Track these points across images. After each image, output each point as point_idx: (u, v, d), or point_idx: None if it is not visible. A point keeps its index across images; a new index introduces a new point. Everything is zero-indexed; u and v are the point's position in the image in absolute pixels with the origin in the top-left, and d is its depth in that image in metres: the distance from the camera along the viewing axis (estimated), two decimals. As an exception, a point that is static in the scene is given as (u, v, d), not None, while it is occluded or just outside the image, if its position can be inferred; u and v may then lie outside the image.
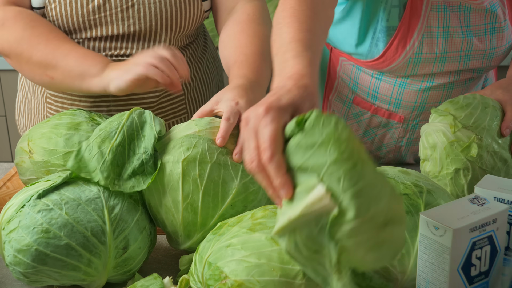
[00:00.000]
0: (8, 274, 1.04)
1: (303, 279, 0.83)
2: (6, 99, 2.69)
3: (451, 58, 1.33)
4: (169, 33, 1.37)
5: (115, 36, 1.35)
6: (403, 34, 1.30)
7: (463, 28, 1.31)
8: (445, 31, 1.31)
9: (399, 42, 1.31)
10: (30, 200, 0.96)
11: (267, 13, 1.40)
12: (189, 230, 0.99)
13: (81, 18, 1.31)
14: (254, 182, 1.00)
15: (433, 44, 1.31)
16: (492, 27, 1.33)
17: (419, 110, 1.41)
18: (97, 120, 1.20)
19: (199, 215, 0.98)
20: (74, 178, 1.00)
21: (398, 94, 1.40)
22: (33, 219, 0.94)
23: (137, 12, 1.33)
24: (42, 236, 0.92)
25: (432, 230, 0.83)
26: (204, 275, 0.87)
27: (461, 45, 1.32)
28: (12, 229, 0.94)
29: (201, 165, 0.98)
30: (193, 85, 1.50)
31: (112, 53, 1.36)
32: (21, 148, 1.18)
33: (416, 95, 1.39)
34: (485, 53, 1.34)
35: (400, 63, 1.33)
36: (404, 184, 0.95)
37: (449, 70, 1.35)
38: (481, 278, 0.86)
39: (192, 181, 0.97)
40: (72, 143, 1.14)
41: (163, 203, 0.99)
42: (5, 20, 1.27)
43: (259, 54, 1.27)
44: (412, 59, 1.32)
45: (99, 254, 0.94)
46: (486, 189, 0.92)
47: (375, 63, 1.35)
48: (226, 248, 0.86)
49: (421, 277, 0.87)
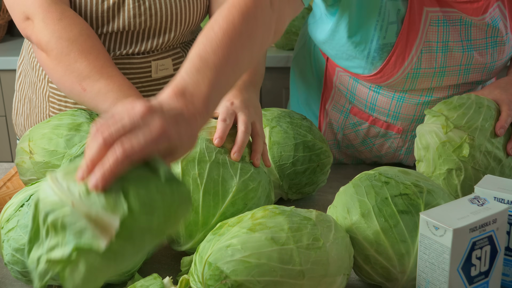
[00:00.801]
0: (8, 274, 1.04)
1: (303, 279, 0.83)
2: (6, 99, 2.69)
3: (450, 72, 1.31)
4: (178, 28, 1.38)
5: (124, 33, 1.35)
6: (401, 50, 1.27)
7: (464, 42, 1.29)
8: (444, 46, 1.28)
9: (397, 58, 1.28)
10: (29, 200, 0.96)
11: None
12: (190, 230, 0.99)
13: (95, 14, 1.30)
14: (253, 179, 1.00)
15: (432, 59, 1.29)
16: (494, 41, 1.31)
17: (418, 122, 1.39)
18: (97, 120, 1.20)
19: (200, 215, 0.98)
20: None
21: (396, 108, 1.38)
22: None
23: (148, 9, 1.33)
24: None
25: (432, 230, 0.83)
26: (204, 275, 0.87)
27: (461, 59, 1.30)
28: (11, 228, 0.95)
29: (200, 164, 0.98)
30: None
31: (121, 52, 1.36)
32: (22, 149, 1.18)
33: (414, 109, 1.37)
34: (485, 67, 1.33)
35: (398, 78, 1.30)
36: (404, 184, 0.95)
37: (448, 84, 1.33)
38: (481, 278, 0.86)
39: (192, 181, 0.97)
40: (73, 144, 1.14)
41: None
42: (64, 17, 1.22)
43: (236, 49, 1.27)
44: (411, 74, 1.30)
45: None
46: (486, 189, 0.92)
47: (373, 78, 1.33)
48: (226, 248, 0.86)
49: (421, 277, 0.87)
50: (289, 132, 1.23)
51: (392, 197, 0.94)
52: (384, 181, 0.96)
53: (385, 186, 0.95)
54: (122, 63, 1.37)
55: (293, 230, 0.86)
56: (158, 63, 1.40)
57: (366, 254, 0.93)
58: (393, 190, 0.94)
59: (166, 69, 1.42)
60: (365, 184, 0.97)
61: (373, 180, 0.97)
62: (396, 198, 0.93)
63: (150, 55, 1.38)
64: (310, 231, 0.86)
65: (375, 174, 0.99)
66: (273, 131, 1.22)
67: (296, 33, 2.42)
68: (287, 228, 0.86)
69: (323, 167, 1.25)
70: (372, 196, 0.94)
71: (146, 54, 1.38)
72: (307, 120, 1.29)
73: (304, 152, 1.22)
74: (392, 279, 0.93)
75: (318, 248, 0.85)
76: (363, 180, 0.99)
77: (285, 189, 1.23)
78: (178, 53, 1.43)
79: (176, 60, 1.43)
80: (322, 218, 0.91)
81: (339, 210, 0.97)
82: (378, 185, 0.96)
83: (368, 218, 0.93)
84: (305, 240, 0.85)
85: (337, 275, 0.86)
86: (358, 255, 0.94)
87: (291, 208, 0.92)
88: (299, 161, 1.21)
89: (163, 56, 1.40)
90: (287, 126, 1.23)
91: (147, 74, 1.40)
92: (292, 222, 0.87)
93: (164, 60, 1.41)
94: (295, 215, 0.89)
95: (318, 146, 1.24)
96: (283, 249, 0.84)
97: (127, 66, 1.37)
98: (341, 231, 0.91)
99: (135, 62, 1.37)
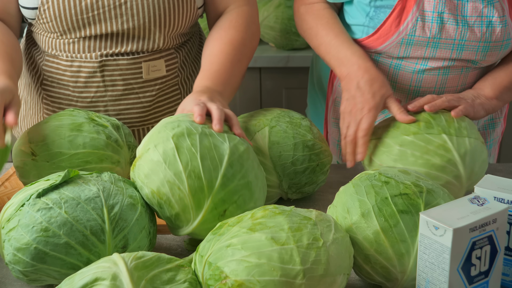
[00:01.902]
0: (8, 274, 1.04)
1: (303, 279, 0.83)
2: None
3: (443, 45, 1.35)
4: (163, 30, 1.37)
5: (109, 34, 1.35)
6: (398, 13, 1.34)
7: (458, 17, 1.33)
8: (439, 17, 1.33)
9: (393, 21, 1.34)
10: (30, 199, 0.95)
11: (253, 19, 1.43)
12: (198, 198, 0.99)
13: (75, 17, 1.32)
14: (241, 144, 1.06)
15: (426, 28, 1.34)
16: (489, 21, 1.33)
17: (414, 94, 1.43)
18: (96, 121, 1.20)
19: (203, 179, 0.99)
20: (74, 178, 1.00)
21: (393, 76, 1.43)
22: (32, 218, 0.94)
23: (130, 9, 1.33)
24: (42, 235, 0.92)
25: (432, 230, 0.83)
26: (204, 275, 0.87)
27: (455, 33, 1.34)
28: (12, 227, 0.94)
29: (191, 136, 1.03)
30: (189, 85, 1.50)
31: (108, 52, 1.36)
32: (22, 151, 1.17)
33: (410, 78, 1.41)
34: (478, 46, 1.35)
35: (393, 42, 1.36)
36: (404, 184, 0.95)
37: (442, 57, 1.37)
38: (481, 278, 0.86)
39: (187, 151, 1.01)
40: (77, 145, 1.14)
41: (164, 182, 1.00)
42: None
43: (227, 63, 1.31)
44: (405, 40, 1.35)
45: (98, 253, 0.94)
46: (486, 189, 0.92)
47: (370, 41, 1.39)
48: (226, 248, 0.86)
49: (421, 277, 0.87)
50: (289, 131, 1.23)
51: (392, 197, 0.94)
52: (384, 181, 0.96)
53: (385, 186, 0.95)
54: (109, 64, 1.37)
55: (293, 230, 0.86)
56: (150, 64, 1.40)
57: (366, 254, 0.93)
58: (393, 190, 0.94)
59: (158, 70, 1.41)
60: (365, 184, 0.97)
61: (373, 180, 0.97)
62: (396, 198, 0.93)
63: (140, 56, 1.38)
64: (310, 231, 0.86)
65: (375, 174, 0.99)
66: (273, 131, 1.22)
67: (296, 33, 2.42)
68: (287, 228, 0.86)
69: (322, 167, 1.25)
70: (372, 196, 0.94)
71: (137, 55, 1.38)
72: (306, 119, 1.29)
73: (304, 152, 1.22)
74: (392, 279, 0.93)
75: (318, 248, 0.85)
76: (363, 180, 0.99)
77: (284, 188, 1.23)
78: (171, 54, 1.43)
79: (169, 61, 1.43)
80: (322, 218, 0.91)
81: (339, 210, 0.97)
82: (378, 185, 0.96)
83: (368, 218, 0.93)
84: (305, 240, 0.85)
85: (337, 274, 0.86)
86: (358, 255, 0.94)
87: (291, 208, 0.92)
88: (298, 161, 1.21)
89: (155, 57, 1.40)
90: (286, 126, 1.24)
91: (137, 76, 1.39)
92: (292, 222, 0.87)
93: (156, 61, 1.40)
94: (295, 215, 0.89)
95: (317, 145, 1.24)
96: (283, 249, 0.83)
97: (114, 67, 1.37)
98: (341, 231, 0.91)
99: (123, 63, 1.37)
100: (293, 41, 2.47)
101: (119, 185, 1.02)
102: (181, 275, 0.86)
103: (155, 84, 1.42)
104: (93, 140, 1.16)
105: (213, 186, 1.00)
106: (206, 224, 1.01)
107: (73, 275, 0.84)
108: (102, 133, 1.18)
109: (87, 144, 1.16)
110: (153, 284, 0.83)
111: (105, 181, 1.01)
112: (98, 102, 1.41)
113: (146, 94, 1.41)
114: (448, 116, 1.23)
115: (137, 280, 0.81)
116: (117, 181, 1.03)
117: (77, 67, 1.39)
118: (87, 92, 1.41)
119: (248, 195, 1.03)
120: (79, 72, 1.39)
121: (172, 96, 1.46)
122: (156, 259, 0.86)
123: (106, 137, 1.18)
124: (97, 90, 1.40)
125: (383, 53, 1.40)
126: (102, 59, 1.36)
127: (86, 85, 1.40)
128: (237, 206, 1.01)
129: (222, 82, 1.28)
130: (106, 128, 1.20)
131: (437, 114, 1.23)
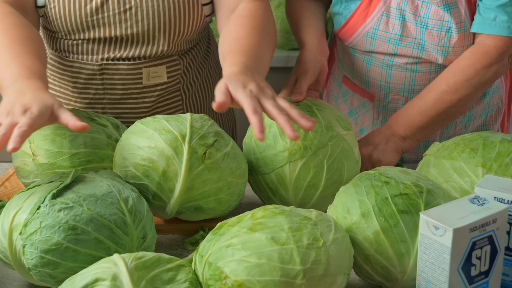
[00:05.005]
0: (8, 274, 1.04)
1: (303, 279, 0.83)
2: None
3: (404, 42, 1.38)
4: (168, 37, 1.37)
5: (113, 38, 1.34)
6: (366, 5, 1.39)
7: (419, 18, 1.36)
8: (401, 14, 1.36)
9: (361, 13, 1.40)
10: (45, 201, 0.93)
11: (270, 11, 1.38)
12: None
13: (79, 19, 1.31)
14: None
15: (389, 24, 1.38)
16: (449, 26, 1.34)
17: (385, 90, 1.46)
18: (96, 120, 1.20)
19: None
20: (79, 177, 1.00)
21: (366, 71, 1.46)
22: (56, 218, 0.92)
23: (134, 15, 1.32)
24: (70, 233, 0.91)
25: (432, 230, 0.83)
26: (204, 275, 0.87)
27: (415, 33, 1.37)
28: (33, 231, 0.92)
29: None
30: (192, 91, 1.49)
31: (109, 56, 1.36)
32: (22, 151, 1.17)
33: (380, 73, 1.44)
34: (437, 49, 1.37)
35: (360, 35, 1.42)
36: (404, 184, 0.95)
37: (404, 54, 1.40)
38: (481, 278, 0.86)
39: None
40: (77, 144, 1.14)
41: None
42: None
43: (256, 45, 1.20)
44: (370, 33, 1.40)
45: (124, 245, 0.95)
46: (486, 189, 0.92)
47: (342, 32, 1.45)
48: (226, 248, 0.86)
49: (421, 277, 0.87)
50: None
51: (392, 197, 0.94)
52: (384, 181, 0.96)
53: (385, 185, 0.95)
54: (109, 68, 1.37)
55: (293, 230, 0.86)
56: (151, 70, 1.39)
57: (366, 254, 0.93)
58: (393, 190, 0.94)
59: (159, 76, 1.40)
60: (365, 183, 0.97)
61: (373, 179, 0.97)
62: (396, 198, 0.93)
63: (141, 62, 1.37)
64: (310, 231, 0.86)
65: (375, 173, 0.99)
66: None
67: (295, 33, 2.41)
68: (287, 228, 0.86)
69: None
70: (372, 196, 0.94)
71: (138, 61, 1.38)
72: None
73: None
74: (392, 279, 0.93)
75: (318, 248, 0.85)
76: (363, 179, 0.99)
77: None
78: (174, 61, 1.42)
79: (171, 68, 1.41)
80: (322, 218, 0.91)
81: (339, 209, 0.97)
82: (378, 185, 0.96)
83: (368, 218, 0.93)
84: (305, 240, 0.85)
85: (337, 274, 0.86)
86: (358, 255, 0.94)
87: (291, 208, 0.92)
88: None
89: (156, 63, 1.39)
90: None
91: (137, 81, 1.39)
92: (292, 222, 0.87)
93: (157, 67, 1.40)
94: (295, 215, 0.89)
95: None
96: (283, 249, 0.84)
97: (114, 71, 1.37)
98: (341, 231, 0.91)
99: (123, 68, 1.37)
100: (293, 41, 2.47)
101: (118, 180, 1.04)
102: (181, 275, 0.86)
103: (155, 90, 1.41)
104: (93, 139, 1.16)
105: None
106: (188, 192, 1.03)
107: (73, 276, 0.84)
108: (103, 133, 1.18)
109: (87, 144, 1.15)
110: (154, 284, 0.83)
111: (106, 178, 1.02)
112: (96, 104, 1.41)
113: (145, 100, 1.41)
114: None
115: (137, 280, 0.81)
116: (114, 176, 1.04)
117: (78, 68, 1.39)
118: (86, 93, 1.41)
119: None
120: (79, 73, 1.39)
121: (172, 102, 1.46)
122: (157, 259, 0.86)
123: (107, 136, 1.18)
124: (96, 93, 1.40)
125: (355, 46, 1.44)
126: (103, 62, 1.36)
127: (85, 87, 1.40)
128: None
129: (256, 59, 1.16)
130: (106, 128, 1.20)
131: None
